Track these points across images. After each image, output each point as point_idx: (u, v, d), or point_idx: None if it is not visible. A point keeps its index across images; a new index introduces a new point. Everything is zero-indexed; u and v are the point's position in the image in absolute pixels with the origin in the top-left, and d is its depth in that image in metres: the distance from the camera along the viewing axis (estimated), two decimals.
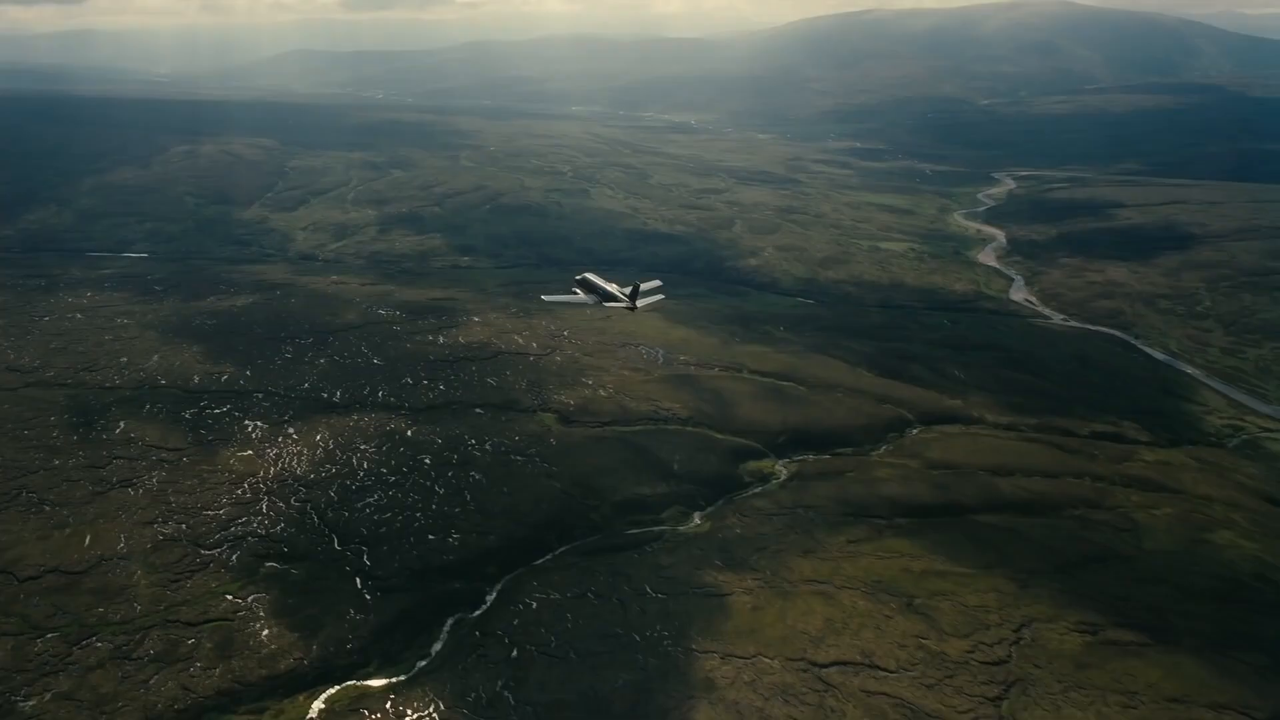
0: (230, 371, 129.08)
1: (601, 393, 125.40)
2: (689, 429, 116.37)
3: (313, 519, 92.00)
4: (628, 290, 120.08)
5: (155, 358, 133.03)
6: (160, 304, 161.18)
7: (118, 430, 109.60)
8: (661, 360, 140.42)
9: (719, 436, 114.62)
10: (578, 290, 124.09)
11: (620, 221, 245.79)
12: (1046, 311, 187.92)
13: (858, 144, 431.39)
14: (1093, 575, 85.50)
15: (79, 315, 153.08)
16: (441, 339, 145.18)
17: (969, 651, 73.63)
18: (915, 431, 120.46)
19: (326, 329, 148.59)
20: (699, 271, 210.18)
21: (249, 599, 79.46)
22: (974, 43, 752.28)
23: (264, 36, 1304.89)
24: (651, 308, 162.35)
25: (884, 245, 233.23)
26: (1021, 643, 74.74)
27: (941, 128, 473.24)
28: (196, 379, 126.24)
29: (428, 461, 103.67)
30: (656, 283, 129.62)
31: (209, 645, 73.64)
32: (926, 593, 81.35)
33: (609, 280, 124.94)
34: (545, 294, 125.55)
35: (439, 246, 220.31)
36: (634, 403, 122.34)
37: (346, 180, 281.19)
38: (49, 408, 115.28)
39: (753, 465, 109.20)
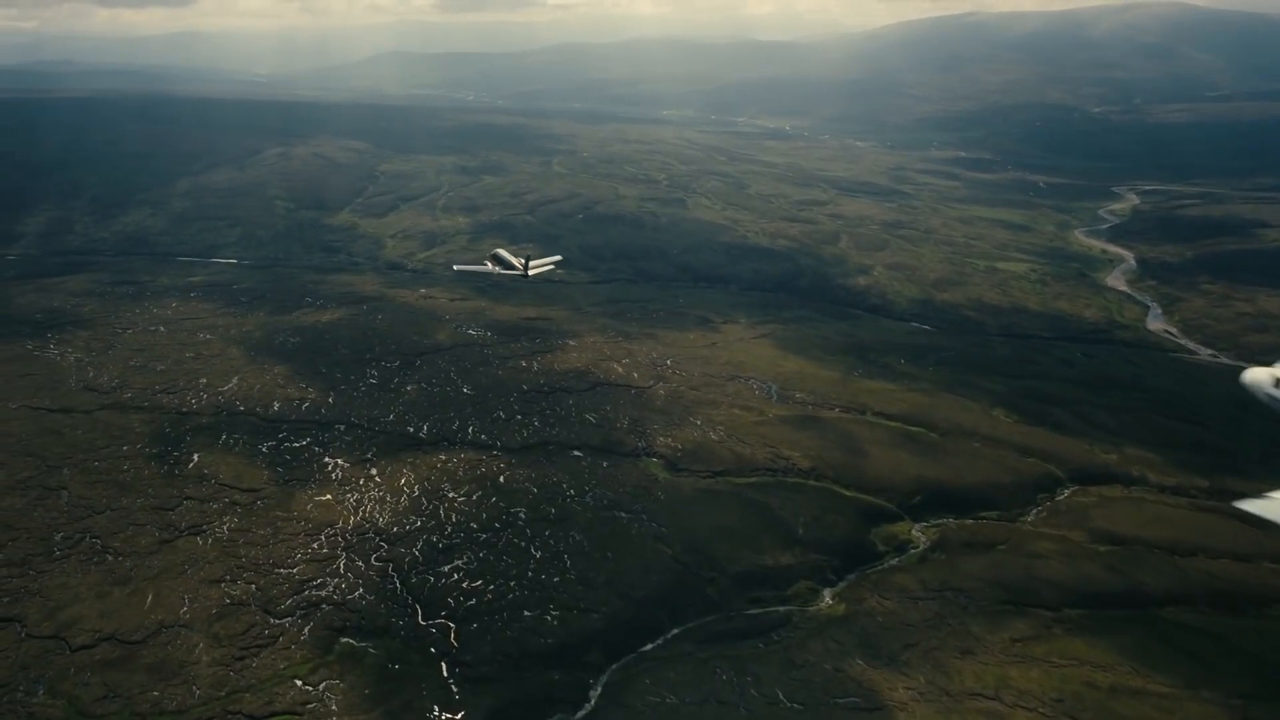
0: (312, 398, 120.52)
1: (712, 435, 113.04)
2: (812, 483, 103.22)
3: (394, 584, 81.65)
4: (523, 261, 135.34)
5: (235, 380, 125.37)
6: (245, 317, 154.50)
7: (191, 465, 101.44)
8: (775, 397, 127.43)
9: (846, 494, 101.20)
10: (488, 262, 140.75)
11: (718, 234, 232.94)
12: (1191, 345, 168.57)
13: (963, 153, 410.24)
14: None
15: (162, 329, 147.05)
16: (535, 366, 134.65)
17: None
18: (1068, 493, 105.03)
19: (414, 350, 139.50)
20: (804, 291, 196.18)
21: (320, 686, 69.16)
22: (1082, 46, 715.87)
23: (360, 38, 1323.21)
24: (761, 335, 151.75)
25: (1001, 265, 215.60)
26: None
27: (1052, 137, 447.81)
28: (276, 405, 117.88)
29: (522, 516, 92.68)
30: (557, 257, 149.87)
31: None
32: (1122, 719, 67.03)
33: (516, 254, 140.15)
34: (457, 264, 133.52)
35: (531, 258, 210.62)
36: (748, 448, 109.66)
37: (437, 185, 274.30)
38: (122, 435, 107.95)
39: (886, 529, 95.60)
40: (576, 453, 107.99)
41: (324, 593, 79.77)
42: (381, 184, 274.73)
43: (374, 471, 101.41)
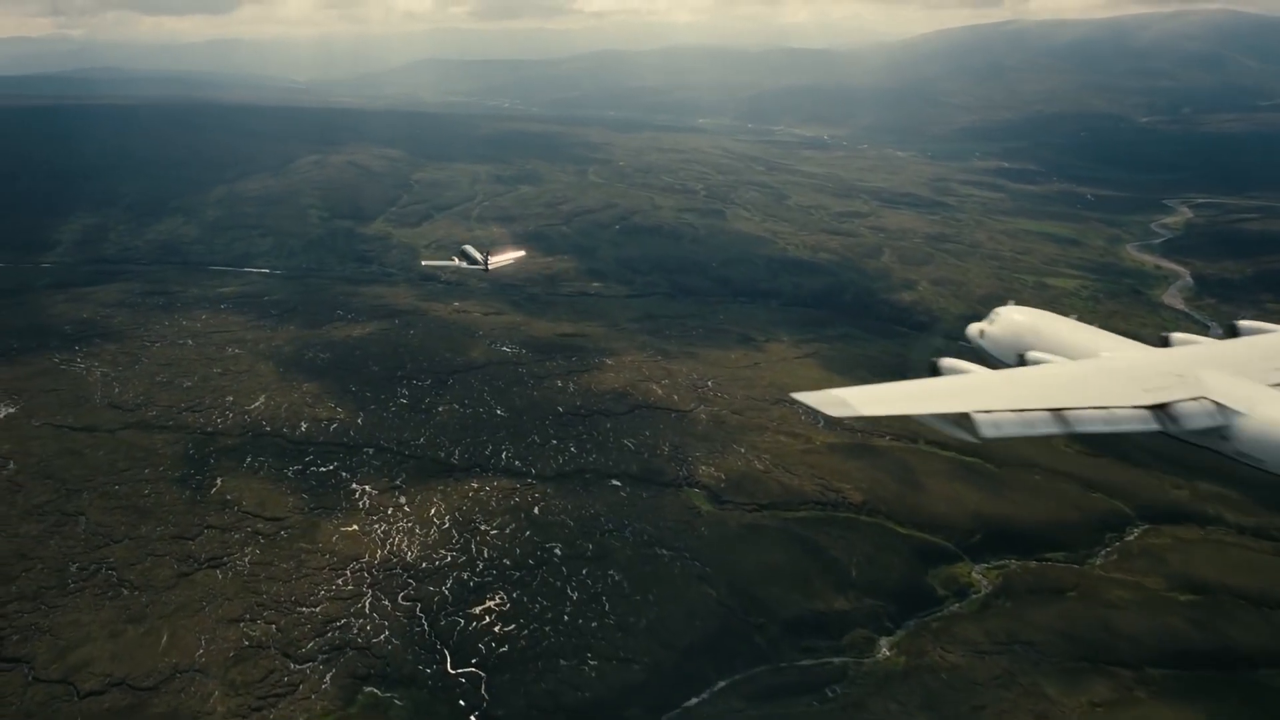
0: (341, 418, 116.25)
1: (757, 464, 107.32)
2: (864, 518, 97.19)
3: (422, 625, 76.73)
4: (484, 255, 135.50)
5: (262, 398, 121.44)
6: (274, 331, 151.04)
7: (214, 490, 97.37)
8: (821, 423, 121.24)
9: (901, 531, 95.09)
10: (454, 258, 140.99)
11: (758, 247, 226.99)
12: None
13: (1006, 164, 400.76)
14: None
15: (190, 342, 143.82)
16: (572, 386, 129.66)
17: None
18: (1138, 532, 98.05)
19: (446, 368, 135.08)
20: (847, 306, 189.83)
21: None
22: (1127, 55, 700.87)
23: (397, 45, 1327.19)
24: (805, 354, 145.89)
25: (1051, 281, 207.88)
26: None
27: (1097, 147, 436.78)
28: (304, 426, 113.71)
29: (558, 552, 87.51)
30: (520, 253, 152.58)
31: None
32: None
33: (482, 251, 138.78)
34: (424, 260, 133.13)
35: (567, 270, 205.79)
36: (796, 479, 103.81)
37: (472, 195, 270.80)
38: (144, 457, 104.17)
39: (945, 571, 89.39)
40: (615, 482, 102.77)
41: (348, 636, 74.98)
42: (416, 193, 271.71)
43: (403, 500, 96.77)
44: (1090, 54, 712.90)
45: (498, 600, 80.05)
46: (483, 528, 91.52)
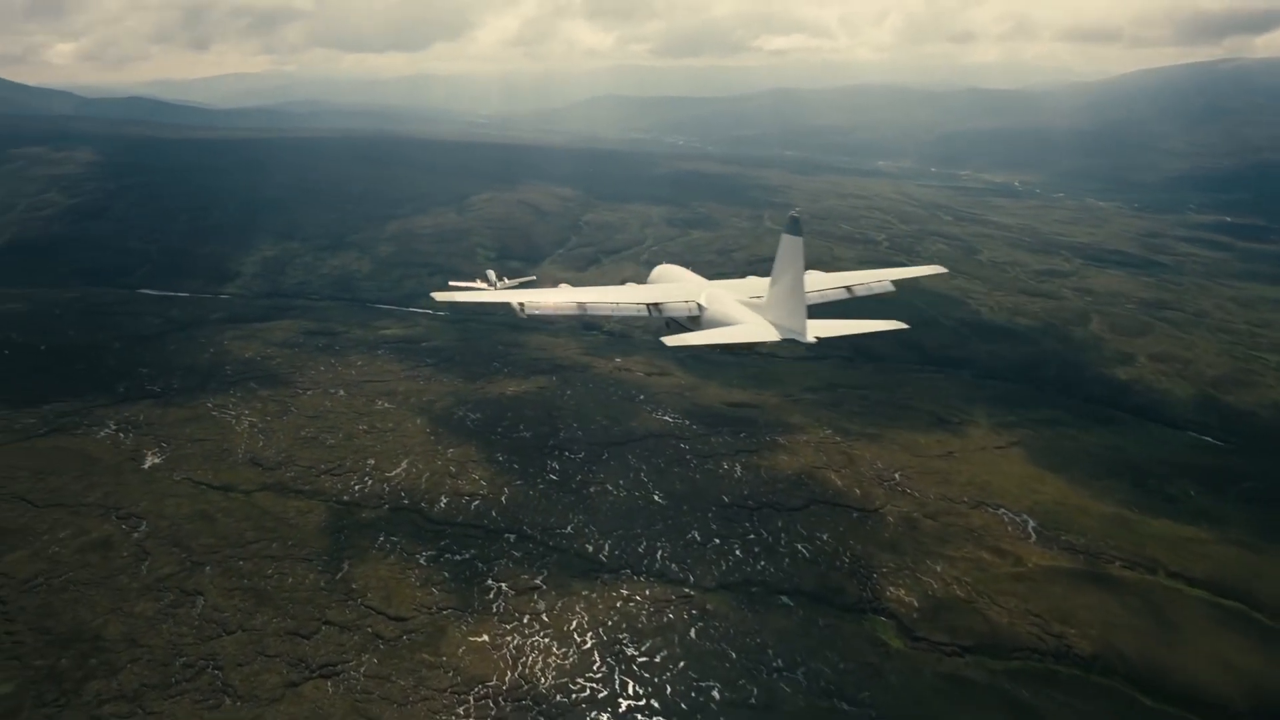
0: (484, 494, 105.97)
1: (956, 589, 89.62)
2: (1096, 678, 77.96)
3: None
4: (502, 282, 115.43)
5: (404, 463, 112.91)
6: (427, 383, 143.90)
7: (340, 574, 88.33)
8: (1034, 536, 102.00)
9: (1148, 703, 75.40)
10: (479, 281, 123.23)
11: (947, 307, 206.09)
12: None
13: (1228, 218, 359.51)
14: None
15: (341, 392, 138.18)
16: (739, 469, 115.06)
17: None
18: None
19: (602, 439, 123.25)
20: (1051, 381, 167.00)
21: None
22: None
23: (578, 81, 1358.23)
24: (1008, 443, 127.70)
25: None
26: None
27: None
28: (444, 501, 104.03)
29: (717, 696, 73.02)
30: (531, 278, 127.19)
31: None
32: None
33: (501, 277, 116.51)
34: (452, 282, 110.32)
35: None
36: (1005, 614, 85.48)
37: (641, 239, 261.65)
38: (274, 528, 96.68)
39: None
40: (786, 599, 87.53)
41: None
42: (585, 234, 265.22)
43: (542, 606, 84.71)
44: None
45: None
46: (629, 652, 78.19)
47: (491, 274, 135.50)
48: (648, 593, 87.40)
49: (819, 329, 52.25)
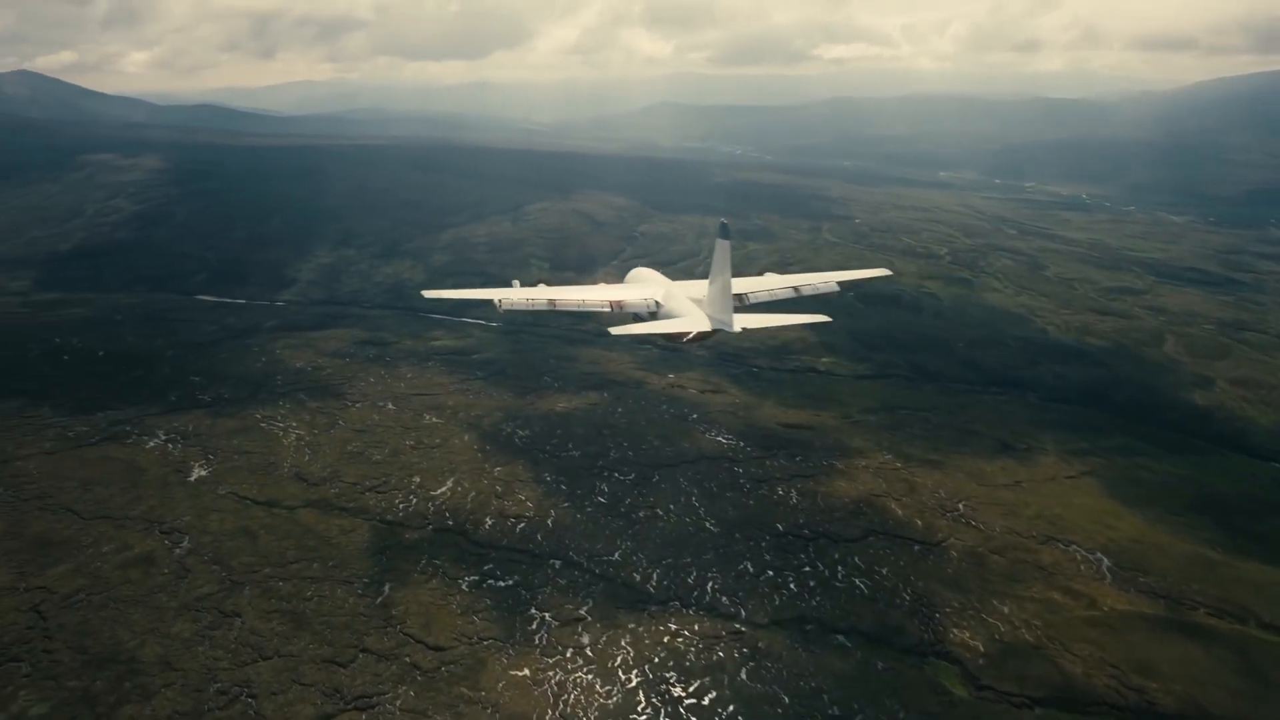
0: (530, 516, 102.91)
1: (1025, 633, 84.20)
2: None
3: None
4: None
5: (450, 481, 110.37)
6: (476, 398, 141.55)
7: (379, 599, 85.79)
8: (1109, 576, 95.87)
9: None
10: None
11: (1012, 326, 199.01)
12: None
13: None
14: None
15: (390, 405, 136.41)
16: (795, 495, 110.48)
17: None
18: None
19: (653, 461, 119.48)
20: (1123, 407, 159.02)
21: None
22: None
23: (635, 89, 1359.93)
24: (1079, 473, 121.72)
25: None
26: None
27: None
28: (489, 523, 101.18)
29: None
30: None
31: None
32: None
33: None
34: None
35: (794, 341, 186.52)
36: (1079, 663, 79.87)
37: (695, 251, 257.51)
38: (316, 547, 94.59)
39: None
40: (842, 639, 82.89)
41: None
42: (639, 245, 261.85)
43: (585, 639, 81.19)
44: None
45: None
46: (676, 693, 74.27)
47: (516, 284, 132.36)
48: (697, 627, 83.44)
49: (747, 321, 60.78)
